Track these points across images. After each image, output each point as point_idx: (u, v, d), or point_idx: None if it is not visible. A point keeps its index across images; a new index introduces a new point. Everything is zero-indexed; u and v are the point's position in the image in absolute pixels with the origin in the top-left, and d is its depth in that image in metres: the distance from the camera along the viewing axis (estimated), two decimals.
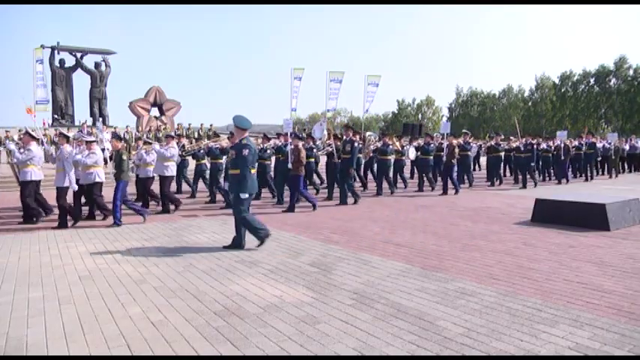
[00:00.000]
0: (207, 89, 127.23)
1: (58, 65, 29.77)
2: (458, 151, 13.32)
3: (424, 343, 3.32)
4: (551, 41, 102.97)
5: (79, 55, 30.50)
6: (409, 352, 3.20)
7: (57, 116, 29.09)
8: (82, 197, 8.74)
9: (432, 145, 13.61)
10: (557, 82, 60.23)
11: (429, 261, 5.58)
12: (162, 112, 31.26)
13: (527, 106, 64.19)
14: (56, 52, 29.58)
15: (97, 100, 30.49)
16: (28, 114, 9.07)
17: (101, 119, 29.62)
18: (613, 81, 55.86)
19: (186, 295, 4.44)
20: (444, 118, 70.91)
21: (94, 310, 4.04)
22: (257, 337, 3.46)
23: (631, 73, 54.02)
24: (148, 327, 3.66)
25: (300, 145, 9.96)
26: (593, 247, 6.22)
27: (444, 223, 8.13)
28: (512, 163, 16.21)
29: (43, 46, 26.59)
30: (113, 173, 8.24)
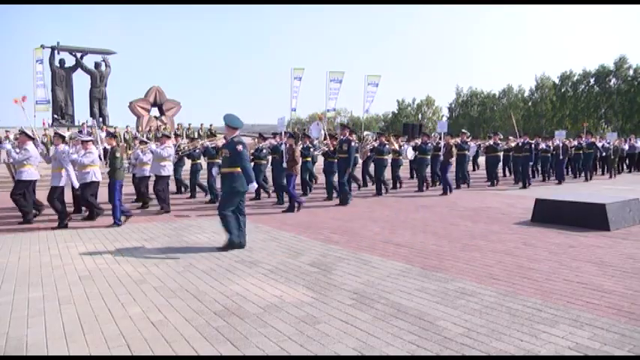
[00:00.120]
0: (207, 89, 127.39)
1: (58, 65, 29.80)
2: (455, 150, 13.29)
3: (424, 343, 3.33)
4: (551, 41, 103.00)
5: (79, 55, 30.54)
6: (409, 352, 3.20)
7: (57, 116, 29.11)
8: (75, 197, 8.82)
9: (429, 144, 13.59)
10: (557, 82, 60.15)
11: (429, 261, 5.59)
12: (162, 112, 31.28)
13: (527, 106, 64.11)
14: (56, 52, 29.62)
15: (97, 100, 30.53)
16: (15, 103, 8.97)
17: (101, 119, 29.66)
18: (613, 81, 55.79)
19: (186, 295, 4.44)
20: (444, 118, 70.93)
21: (94, 310, 4.04)
22: (257, 337, 3.46)
23: (631, 73, 53.92)
24: (148, 327, 3.67)
25: (294, 143, 9.86)
26: (593, 247, 6.22)
27: (444, 223, 8.13)
28: (511, 162, 16.24)
29: (43, 46, 26.65)
30: (107, 171, 8.25)
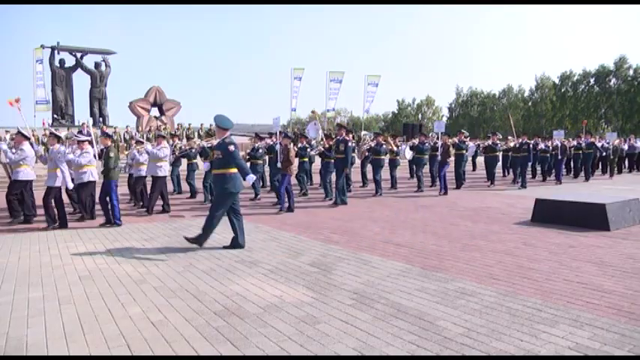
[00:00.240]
0: (207, 89, 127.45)
1: (58, 65, 29.79)
2: (453, 150, 13.27)
3: (424, 343, 3.33)
4: (551, 41, 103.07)
5: (79, 55, 30.53)
6: (409, 352, 3.20)
7: (57, 116, 29.11)
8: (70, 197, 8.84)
9: (426, 144, 13.57)
10: (557, 82, 60.19)
11: (429, 261, 5.59)
12: (162, 112, 31.28)
13: (527, 106, 64.15)
14: (56, 52, 29.60)
15: (97, 100, 30.52)
16: (10, 106, 8.90)
17: (101, 119, 29.67)
18: (613, 81, 55.82)
19: (186, 295, 4.44)
20: (444, 118, 70.88)
21: (94, 310, 4.04)
22: (257, 337, 3.46)
23: (631, 73, 53.96)
24: (148, 327, 3.67)
25: (289, 144, 9.73)
26: (593, 247, 6.22)
27: (444, 223, 8.13)
28: (510, 162, 16.24)
29: (43, 46, 26.71)
30: (101, 170, 8.22)
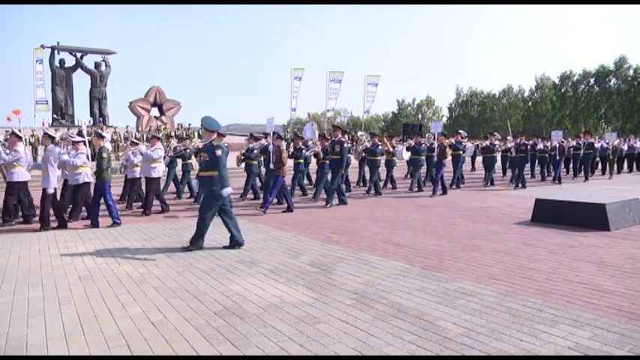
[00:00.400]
0: (207, 89, 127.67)
1: (58, 65, 29.79)
2: (450, 151, 13.23)
3: (424, 343, 3.33)
4: (551, 41, 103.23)
5: (79, 55, 30.54)
6: (409, 352, 3.20)
7: (57, 116, 29.11)
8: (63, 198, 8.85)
9: (422, 145, 13.56)
10: (557, 82, 60.19)
11: (429, 261, 5.59)
12: (162, 112, 31.29)
13: (527, 106, 64.16)
14: (56, 52, 29.61)
15: (97, 100, 30.53)
16: (9, 121, 8.87)
17: (101, 119, 29.67)
18: (613, 81, 55.82)
19: (186, 295, 4.44)
20: (444, 118, 70.87)
21: (94, 310, 4.04)
22: (257, 337, 3.46)
23: (631, 73, 53.97)
24: (148, 327, 3.67)
25: (282, 145, 9.60)
26: (593, 247, 6.22)
27: (444, 223, 8.13)
28: (508, 163, 16.24)
29: (43, 46, 26.73)
30: (94, 171, 8.19)
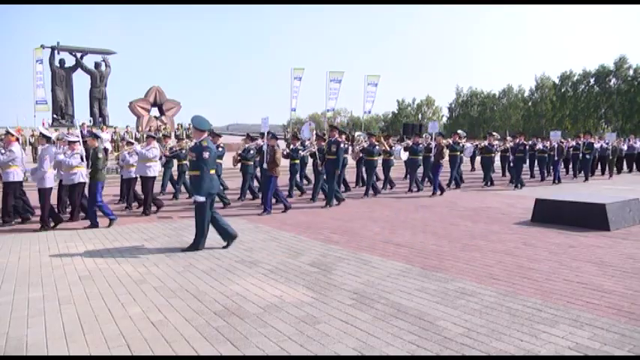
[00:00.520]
0: (207, 89, 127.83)
1: (58, 65, 29.81)
2: (447, 151, 13.20)
3: (424, 343, 3.33)
4: (551, 41, 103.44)
5: (79, 55, 30.58)
6: (409, 352, 3.20)
7: (57, 116, 29.12)
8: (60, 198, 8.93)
9: (420, 145, 13.54)
10: (557, 82, 60.22)
11: (429, 261, 5.58)
12: (162, 112, 31.31)
13: (527, 106, 64.21)
14: (56, 52, 29.64)
15: (97, 100, 30.57)
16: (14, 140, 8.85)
17: (101, 119, 29.68)
18: (613, 81, 55.86)
19: (186, 295, 4.44)
20: (444, 118, 70.91)
21: (94, 310, 4.04)
22: (257, 337, 3.46)
23: (631, 73, 54.01)
24: (148, 327, 3.67)
25: (276, 145, 9.52)
26: (593, 247, 6.22)
27: (444, 223, 8.13)
28: (507, 163, 16.22)
29: (43, 46, 26.72)
30: (88, 172, 8.18)
